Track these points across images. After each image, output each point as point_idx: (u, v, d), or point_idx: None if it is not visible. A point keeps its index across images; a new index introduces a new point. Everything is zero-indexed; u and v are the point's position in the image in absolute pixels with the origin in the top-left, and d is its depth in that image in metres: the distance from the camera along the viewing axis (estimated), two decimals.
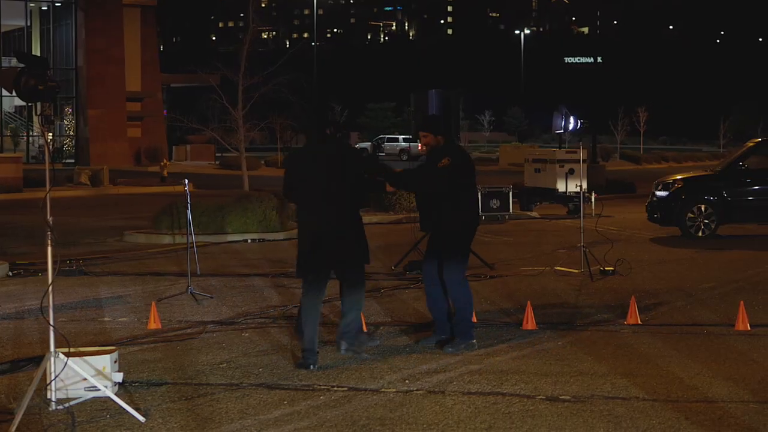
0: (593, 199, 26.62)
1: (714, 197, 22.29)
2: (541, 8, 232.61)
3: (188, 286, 14.04)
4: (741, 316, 11.59)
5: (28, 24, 67.70)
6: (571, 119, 28.08)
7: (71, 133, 65.56)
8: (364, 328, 11.10)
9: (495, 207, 27.72)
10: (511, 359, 10.07)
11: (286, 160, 10.76)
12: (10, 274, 16.72)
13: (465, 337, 10.53)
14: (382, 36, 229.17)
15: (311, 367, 9.57)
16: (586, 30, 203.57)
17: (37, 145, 65.62)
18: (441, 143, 10.54)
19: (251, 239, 22.01)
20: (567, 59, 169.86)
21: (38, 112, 8.11)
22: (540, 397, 8.58)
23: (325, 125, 10.00)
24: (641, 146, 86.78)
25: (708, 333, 11.41)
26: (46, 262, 8.22)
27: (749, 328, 11.47)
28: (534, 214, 28.43)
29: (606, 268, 16.07)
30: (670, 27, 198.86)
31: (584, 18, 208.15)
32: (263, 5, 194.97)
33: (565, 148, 32.40)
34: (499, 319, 12.40)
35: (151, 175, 51.26)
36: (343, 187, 9.81)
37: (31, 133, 66.10)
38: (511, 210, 27.95)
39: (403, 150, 77.85)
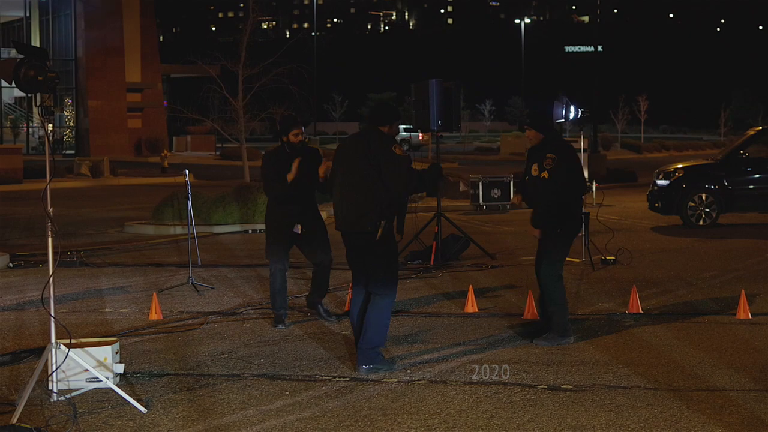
0: (594, 189, 26.61)
1: (715, 186, 22.28)
2: None
3: (189, 276, 14.03)
4: (742, 304, 11.58)
5: (28, 15, 67.73)
6: (572, 108, 28.04)
7: (71, 124, 65.58)
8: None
9: (496, 197, 27.76)
10: (513, 349, 10.07)
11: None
12: (11, 265, 16.72)
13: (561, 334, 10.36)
14: (382, 26, 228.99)
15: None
16: (586, 19, 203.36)
17: (37, 136, 65.68)
18: None
19: (252, 230, 22.01)
20: (567, 48, 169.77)
21: (38, 103, 8.10)
22: (542, 386, 8.58)
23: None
24: (642, 135, 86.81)
25: (709, 321, 11.40)
26: (46, 254, 8.21)
27: (750, 317, 11.46)
28: None
29: (607, 258, 16.06)
30: (671, 15, 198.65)
31: (584, 7, 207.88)
32: None
33: (565, 137, 32.36)
34: (500, 309, 12.40)
35: (152, 166, 51.32)
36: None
37: (31, 124, 66.13)
38: (512, 199, 27.97)
39: (403, 140, 77.72)
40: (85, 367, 8.26)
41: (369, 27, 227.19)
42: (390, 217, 9.17)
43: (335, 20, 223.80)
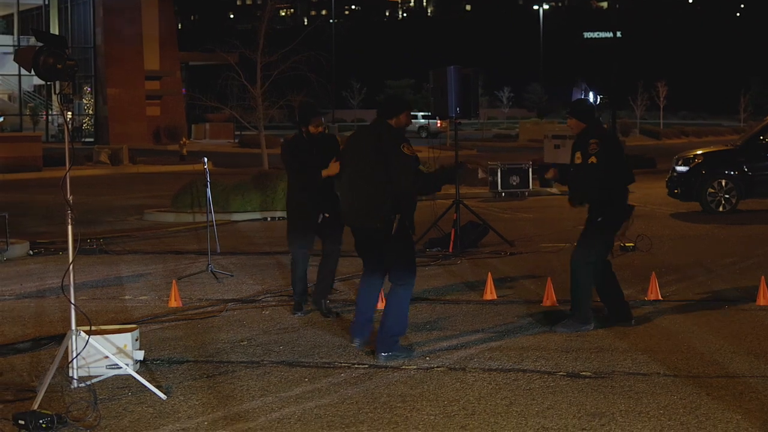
0: None
1: (734, 172, 22.19)
2: None
3: (208, 264, 14.06)
4: (762, 290, 11.54)
5: (46, 2, 67.86)
6: (591, 94, 27.96)
7: (90, 112, 65.71)
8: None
9: (515, 184, 27.73)
10: (532, 336, 10.06)
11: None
12: (31, 253, 16.80)
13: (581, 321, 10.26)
14: (400, 12, 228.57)
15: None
16: (605, 5, 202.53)
17: (56, 124, 65.86)
18: None
19: (271, 217, 22.04)
20: (586, 34, 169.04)
21: (57, 91, 8.11)
22: (561, 373, 8.58)
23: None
24: (661, 121, 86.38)
25: (729, 308, 11.37)
26: (66, 241, 8.24)
27: None
28: (554, 190, 28.37)
29: (626, 244, 16.01)
30: (689, 1, 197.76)
31: None
32: None
33: None
34: (519, 296, 12.39)
35: (171, 154, 51.37)
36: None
37: (50, 112, 66.31)
38: (531, 186, 27.93)
39: (422, 127, 77.65)
40: (105, 353, 8.29)
41: (387, 14, 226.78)
42: (403, 210, 9.05)
43: (353, 7, 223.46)
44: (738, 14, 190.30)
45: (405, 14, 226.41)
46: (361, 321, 9.52)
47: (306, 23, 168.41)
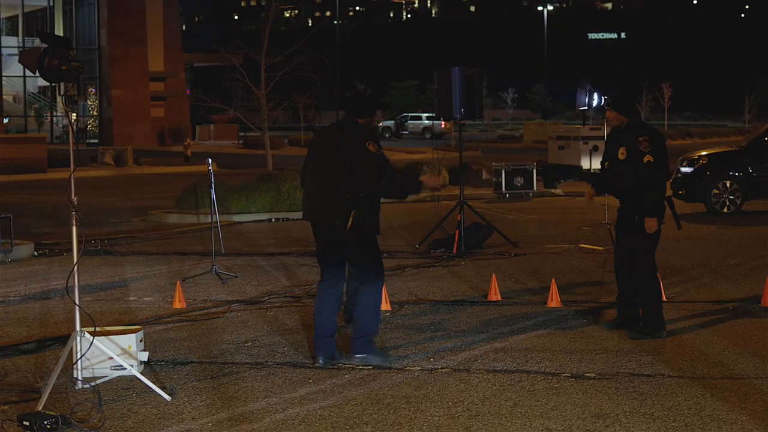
0: None
1: (739, 173, 22.16)
2: None
3: (213, 265, 14.07)
4: (767, 292, 11.53)
5: (51, 4, 67.93)
6: (595, 96, 27.91)
7: (95, 113, 65.76)
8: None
9: (519, 185, 27.71)
10: (536, 337, 10.05)
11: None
12: (36, 254, 16.81)
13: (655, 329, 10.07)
14: (404, 13, 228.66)
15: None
16: (609, 6, 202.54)
17: (61, 126, 65.94)
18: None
19: (275, 218, 22.04)
20: (590, 35, 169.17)
21: (62, 93, 8.12)
22: (565, 374, 8.57)
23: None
24: (666, 122, 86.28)
25: (734, 309, 11.36)
26: (71, 242, 8.25)
27: None
28: (558, 191, 28.35)
29: None
30: (694, 1, 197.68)
31: None
32: None
33: (589, 125, 32.19)
34: (523, 297, 12.39)
35: (175, 155, 51.37)
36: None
37: (54, 113, 66.39)
38: (535, 187, 27.92)
39: (426, 128, 77.68)
40: (109, 355, 8.29)
41: (391, 15, 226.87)
42: (361, 207, 8.83)
43: (357, 8, 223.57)
44: (743, 15, 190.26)
45: (409, 15, 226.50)
46: (322, 336, 9.11)
47: (310, 24, 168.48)
